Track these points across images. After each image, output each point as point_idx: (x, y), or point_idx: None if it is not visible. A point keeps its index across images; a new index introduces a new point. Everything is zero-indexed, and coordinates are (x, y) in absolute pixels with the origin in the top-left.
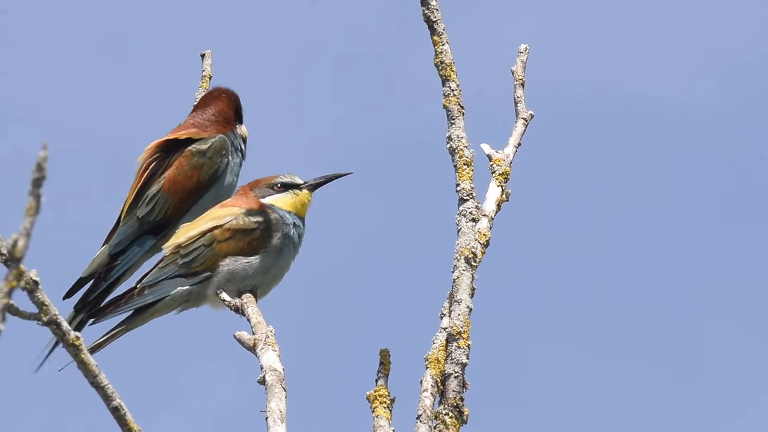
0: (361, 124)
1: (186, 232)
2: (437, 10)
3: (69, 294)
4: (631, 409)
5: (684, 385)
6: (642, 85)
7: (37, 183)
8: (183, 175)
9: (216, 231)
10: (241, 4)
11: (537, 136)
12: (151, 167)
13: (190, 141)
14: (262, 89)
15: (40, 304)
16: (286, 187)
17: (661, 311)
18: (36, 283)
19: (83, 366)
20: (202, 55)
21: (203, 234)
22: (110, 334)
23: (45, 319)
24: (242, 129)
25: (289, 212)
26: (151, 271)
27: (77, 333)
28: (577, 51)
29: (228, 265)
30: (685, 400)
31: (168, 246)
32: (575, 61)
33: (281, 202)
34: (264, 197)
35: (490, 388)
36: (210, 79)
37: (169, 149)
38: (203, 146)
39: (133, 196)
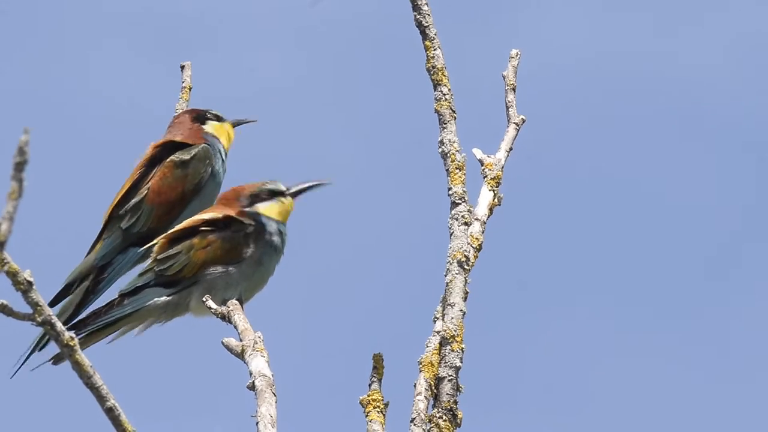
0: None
1: (163, 240)
2: (429, 15)
3: (54, 302)
4: (626, 413)
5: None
6: (676, 75)
7: (19, 167)
8: (167, 186)
9: (194, 239)
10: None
11: (550, 131)
12: (136, 176)
13: (184, 145)
14: (294, 85)
15: (35, 305)
16: (272, 194)
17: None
18: (30, 283)
19: (78, 366)
20: (182, 67)
21: (180, 240)
22: (86, 337)
23: (39, 319)
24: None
25: (275, 220)
26: (131, 280)
27: (72, 333)
28: (615, 40)
29: (208, 274)
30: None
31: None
32: (611, 51)
33: (268, 210)
34: (249, 205)
35: (484, 392)
36: (190, 90)
37: (163, 154)
38: (186, 156)
39: (115, 205)
